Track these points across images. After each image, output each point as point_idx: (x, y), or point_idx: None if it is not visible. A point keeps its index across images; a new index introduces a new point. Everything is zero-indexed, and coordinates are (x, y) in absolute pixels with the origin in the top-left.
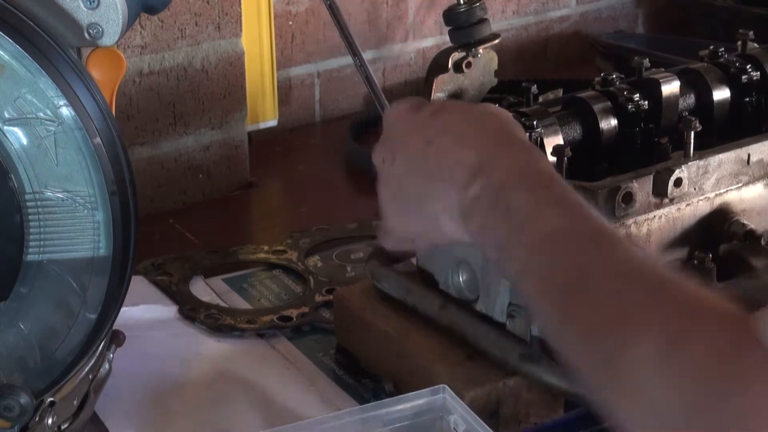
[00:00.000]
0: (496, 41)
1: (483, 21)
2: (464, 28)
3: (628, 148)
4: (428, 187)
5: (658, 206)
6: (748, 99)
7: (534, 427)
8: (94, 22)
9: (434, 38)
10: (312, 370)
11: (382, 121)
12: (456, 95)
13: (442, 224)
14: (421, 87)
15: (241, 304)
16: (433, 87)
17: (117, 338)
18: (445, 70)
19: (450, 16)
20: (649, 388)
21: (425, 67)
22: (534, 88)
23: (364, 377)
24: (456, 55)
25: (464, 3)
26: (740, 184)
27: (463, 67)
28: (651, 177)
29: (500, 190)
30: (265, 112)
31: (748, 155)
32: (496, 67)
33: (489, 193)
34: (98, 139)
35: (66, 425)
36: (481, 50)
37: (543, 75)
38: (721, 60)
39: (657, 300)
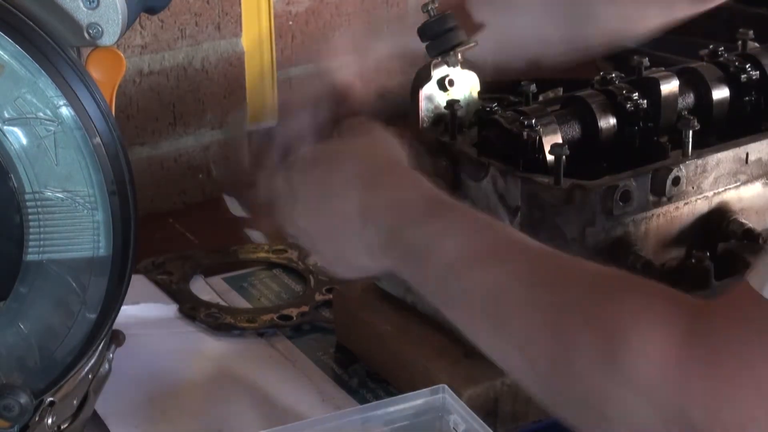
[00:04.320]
0: (472, 44)
1: (456, 28)
2: (438, 37)
3: (626, 147)
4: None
5: (657, 205)
6: (747, 98)
7: (532, 425)
8: (93, 22)
9: None
10: (312, 370)
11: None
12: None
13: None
14: None
15: (241, 303)
16: (420, 99)
17: (117, 338)
18: (428, 80)
19: (424, 30)
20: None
21: None
22: (533, 87)
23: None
24: (438, 72)
25: (434, 15)
26: (738, 183)
27: (446, 84)
28: (649, 176)
29: (390, 233)
30: (265, 112)
31: (747, 154)
32: (479, 89)
33: (383, 237)
34: (98, 139)
35: (66, 425)
36: (460, 56)
37: (543, 75)
38: (721, 59)
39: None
